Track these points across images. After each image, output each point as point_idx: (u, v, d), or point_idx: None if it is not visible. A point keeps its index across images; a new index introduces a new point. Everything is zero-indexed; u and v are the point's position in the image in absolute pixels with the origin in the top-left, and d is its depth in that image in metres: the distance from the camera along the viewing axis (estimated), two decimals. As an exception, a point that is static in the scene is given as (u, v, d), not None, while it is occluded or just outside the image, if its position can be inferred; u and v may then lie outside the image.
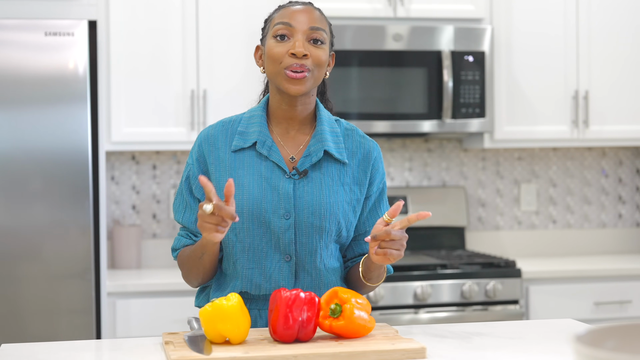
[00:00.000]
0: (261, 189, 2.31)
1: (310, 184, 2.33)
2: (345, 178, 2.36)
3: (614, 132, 4.59)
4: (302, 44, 2.28)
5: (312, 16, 2.31)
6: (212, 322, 2.07)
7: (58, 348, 2.23)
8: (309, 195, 2.32)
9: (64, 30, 3.75)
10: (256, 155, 2.34)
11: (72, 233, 3.78)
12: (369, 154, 2.41)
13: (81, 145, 3.78)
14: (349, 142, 2.40)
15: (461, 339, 2.27)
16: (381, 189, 2.42)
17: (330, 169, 2.36)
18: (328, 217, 2.31)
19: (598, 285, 4.26)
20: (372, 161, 2.40)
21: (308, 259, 2.33)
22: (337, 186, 2.35)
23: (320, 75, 2.32)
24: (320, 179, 2.34)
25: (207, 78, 4.25)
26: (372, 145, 2.43)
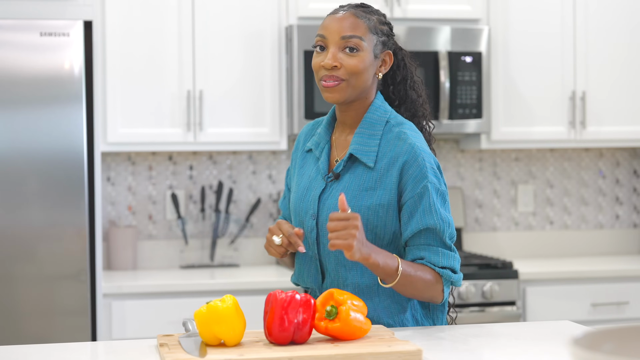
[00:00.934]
0: (305, 189, 2.43)
1: (336, 188, 2.38)
2: (370, 182, 2.35)
3: (611, 133, 4.58)
4: (333, 55, 2.33)
5: (346, 24, 2.34)
6: (207, 324, 2.06)
7: (51, 350, 2.22)
8: (332, 199, 2.37)
9: (60, 31, 3.74)
10: (315, 157, 2.47)
11: (68, 234, 3.76)
12: (397, 158, 2.34)
13: (76, 146, 3.76)
14: (383, 142, 2.38)
15: (457, 340, 2.26)
16: (421, 193, 2.31)
17: (359, 172, 2.37)
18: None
19: (595, 287, 4.25)
20: (400, 165, 2.33)
21: (329, 259, 2.39)
22: (358, 191, 2.35)
23: (361, 82, 2.35)
24: (346, 183, 2.37)
25: (203, 79, 4.23)
26: (405, 148, 2.34)
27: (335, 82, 2.33)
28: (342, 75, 2.33)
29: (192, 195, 4.58)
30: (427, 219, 2.30)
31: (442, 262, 2.31)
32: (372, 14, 2.40)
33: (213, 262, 4.51)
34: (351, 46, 2.33)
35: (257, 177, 4.64)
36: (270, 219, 4.64)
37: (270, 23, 4.29)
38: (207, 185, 4.58)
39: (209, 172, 4.60)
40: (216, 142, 4.26)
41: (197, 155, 4.58)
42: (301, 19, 4.29)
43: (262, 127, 4.28)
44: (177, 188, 4.56)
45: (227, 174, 4.61)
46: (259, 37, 4.28)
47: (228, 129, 4.26)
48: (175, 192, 4.52)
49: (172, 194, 4.50)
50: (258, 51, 4.28)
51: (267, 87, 4.28)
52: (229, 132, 4.26)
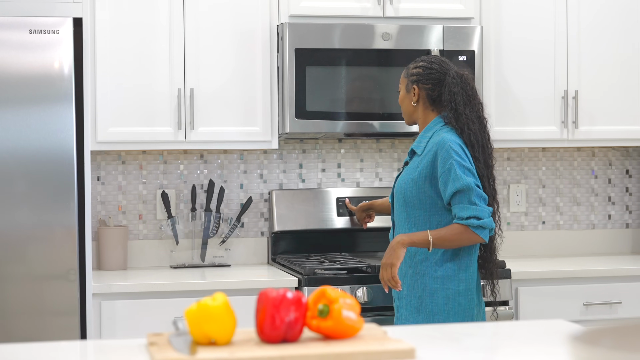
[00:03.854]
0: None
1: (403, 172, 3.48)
2: (417, 163, 3.40)
3: (603, 133, 4.56)
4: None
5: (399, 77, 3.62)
6: (198, 322, 2.04)
7: (41, 349, 2.19)
8: (398, 179, 3.49)
9: (49, 28, 3.70)
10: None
11: (57, 233, 3.73)
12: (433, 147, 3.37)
13: (66, 144, 3.73)
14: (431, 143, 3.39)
15: (451, 339, 2.24)
16: (447, 169, 3.29)
17: (413, 160, 3.46)
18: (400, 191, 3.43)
19: (587, 287, 4.23)
20: (433, 152, 3.36)
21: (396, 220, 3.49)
22: (411, 169, 3.42)
23: (405, 110, 3.55)
24: (407, 168, 3.46)
25: (194, 77, 4.21)
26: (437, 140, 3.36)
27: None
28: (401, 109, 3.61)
29: (182, 195, 4.55)
30: (455, 184, 3.27)
31: (466, 214, 3.26)
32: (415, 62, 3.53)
33: (204, 262, 4.48)
34: (398, 90, 3.63)
35: (248, 177, 4.62)
36: (261, 219, 4.62)
37: (262, 21, 4.26)
38: (197, 184, 4.55)
39: (199, 171, 4.57)
40: (207, 141, 4.24)
41: (187, 154, 4.56)
42: (293, 17, 4.27)
43: (253, 126, 4.26)
44: (168, 187, 4.54)
45: (218, 173, 4.59)
46: (250, 35, 4.26)
47: (219, 128, 4.23)
48: (166, 192, 4.49)
49: (163, 193, 4.47)
50: (249, 49, 4.26)
51: (259, 85, 4.26)
52: (220, 130, 4.24)
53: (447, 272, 3.37)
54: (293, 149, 4.66)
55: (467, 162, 3.33)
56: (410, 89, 3.51)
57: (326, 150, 4.69)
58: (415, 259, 3.40)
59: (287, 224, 4.52)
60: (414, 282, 3.41)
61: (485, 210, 3.29)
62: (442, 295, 3.36)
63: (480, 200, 3.29)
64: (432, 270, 3.38)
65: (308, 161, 4.68)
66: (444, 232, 3.30)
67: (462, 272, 3.38)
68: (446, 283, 3.37)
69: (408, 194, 3.39)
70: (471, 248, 3.40)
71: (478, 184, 3.33)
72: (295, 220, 4.52)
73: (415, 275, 3.41)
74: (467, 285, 3.39)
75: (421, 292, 3.39)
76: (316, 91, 4.21)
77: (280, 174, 4.65)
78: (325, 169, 4.69)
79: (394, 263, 3.30)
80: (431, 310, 3.37)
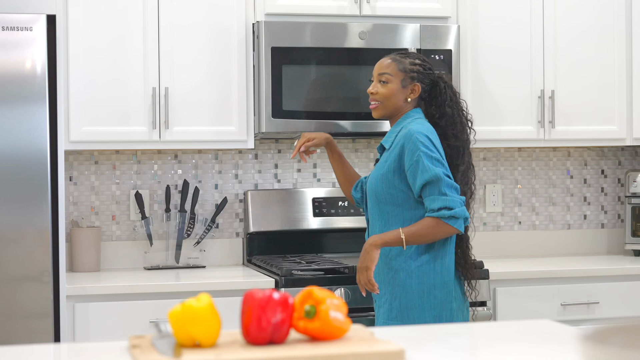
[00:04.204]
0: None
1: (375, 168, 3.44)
2: (385, 159, 3.36)
3: (579, 133, 4.56)
4: (373, 85, 3.45)
5: (381, 65, 3.44)
6: (182, 324, 1.99)
7: (16, 353, 2.13)
8: (370, 176, 3.44)
9: (22, 25, 3.64)
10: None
11: (30, 235, 3.66)
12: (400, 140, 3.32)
13: (39, 144, 3.66)
14: (400, 137, 3.32)
15: (438, 340, 2.21)
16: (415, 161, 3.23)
17: (384, 156, 3.41)
18: (370, 186, 3.40)
19: (565, 287, 4.22)
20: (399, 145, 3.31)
21: (371, 217, 3.43)
22: (380, 165, 3.38)
23: (391, 103, 3.41)
24: (377, 165, 3.42)
25: (169, 76, 4.15)
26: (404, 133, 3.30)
27: (375, 103, 3.43)
28: (378, 98, 3.42)
29: (156, 195, 4.49)
30: (424, 175, 3.21)
31: (437, 205, 3.20)
32: (406, 57, 3.42)
33: (178, 264, 4.42)
34: (383, 80, 3.41)
35: (223, 177, 4.57)
36: (236, 219, 4.57)
37: (237, 19, 4.22)
38: (172, 184, 4.49)
39: (174, 171, 4.51)
40: (182, 141, 4.18)
41: (161, 154, 4.50)
42: (268, 16, 4.22)
43: (229, 125, 4.21)
44: (142, 188, 4.47)
45: (193, 173, 4.53)
46: (226, 33, 4.21)
47: (194, 127, 4.18)
48: (140, 192, 4.43)
49: (136, 194, 4.41)
50: (225, 48, 4.21)
51: (234, 84, 4.21)
52: (195, 130, 4.19)
53: (422, 265, 3.30)
54: (268, 149, 4.61)
55: (436, 153, 3.26)
56: (407, 85, 3.41)
57: (302, 150, 4.64)
58: (389, 255, 3.34)
59: (262, 225, 4.47)
60: (390, 279, 3.34)
61: (457, 200, 3.22)
62: (416, 289, 3.30)
63: (450, 190, 3.22)
64: (407, 265, 3.31)
65: (283, 161, 4.63)
66: (416, 228, 3.24)
67: (437, 264, 3.31)
68: (421, 277, 3.30)
69: (379, 190, 3.34)
70: (446, 239, 3.32)
71: (448, 173, 3.26)
72: (270, 221, 4.48)
73: (390, 272, 3.34)
74: (443, 277, 3.31)
75: (396, 289, 3.33)
76: (292, 90, 4.17)
77: (255, 174, 4.60)
78: (301, 169, 4.65)
79: (368, 266, 3.24)
80: (406, 306, 3.30)
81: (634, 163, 5.02)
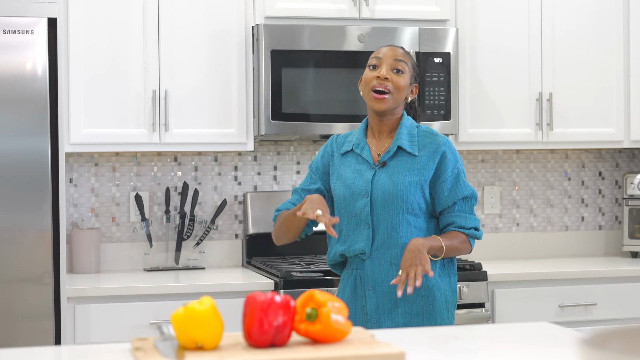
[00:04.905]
0: (353, 178, 3.14)
1: (386, 171, 3.11)
2: (416, 165, 3.10)
3: (577, 135, 4.58)
4: (386, 70, 3.10)
5: (396, 52, 3.15)
6: (185, 327, 2.01)
7: (20, 355, 2.15)
8: (383, 179, 3.10)
9: (23, 28, 3.65)
10: (355, 155, 3.18)
11: (32, 236, 3.68)
12: (438, 147, 3.12)
13: (40, 146, 3.68)
14: (423, 139, 3.13)
15: (438, 342, 2.23)
16: (456, 173, 3.11)
17: (404, 160, 3.12)
18: (395, 193, 3.07)
19: (563, 288, 4.24)
20: (441, 152, 3.11)
21: (382, 226, 3.08)
22: (406, 171, 3.10)
23: (400, 98, 3.12)
24: (394, 167, 3.11)
25: (168, 78, 4.17)
26: (442, 140, 3.13)
27: (385, 92, 3.07)
28: (390, 87, 3.08)
29: (156, 197, 4.51)
30: (464, 190, 3.12)
31: (469, 224, 3.11)
32: (410, 55, 3.20)
33: (178, 265, 4.44)
34: (398, 68, 3.11)
35: (223, 179, 4.58)
36: (235, 221, 4.58)
37: (237, 22, 4.23)
38: (171, 186, 4.51)
39: (173, 173, 4.53)
40: (182, 143, 4.20)
41: (161, 156, 4.51)
42: (268, 19, 4.24)
43: (228, 127, 4.23)
44: (141, 189, 4.49)
45: (192, 175, 4.55)
46: (226, 36, 4.23)
47: (194, 130, 4.20)
48: (139, 194, 4.45)
49: (136, 196, 4.42)
50: (224, 50, 4.23)
51: (234, 87, 4.23)
52: (194, 132, 4.20)
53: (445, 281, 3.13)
54: (268, 151, 4.63)
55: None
56: (412, 83, 3.18)
57: (301, 152, 4.67)
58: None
59: (261, 226, 4.49)
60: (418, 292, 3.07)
61: (479, 222, 3.16)
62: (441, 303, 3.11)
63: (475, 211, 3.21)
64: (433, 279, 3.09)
65: (283, 163, 4.65)
66: (452, 242, 3.07)
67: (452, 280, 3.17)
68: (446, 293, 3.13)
69: (409, 198, 3.05)
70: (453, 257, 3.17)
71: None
72: (270, 223, 4.49)
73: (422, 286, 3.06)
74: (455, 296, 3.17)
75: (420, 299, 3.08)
76: (292, 93, 4.19)
77: (254, 176, 4.62)
78: (300, 171, 4.67)
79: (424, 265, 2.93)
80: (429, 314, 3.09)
81: (631, 165, 5.04)
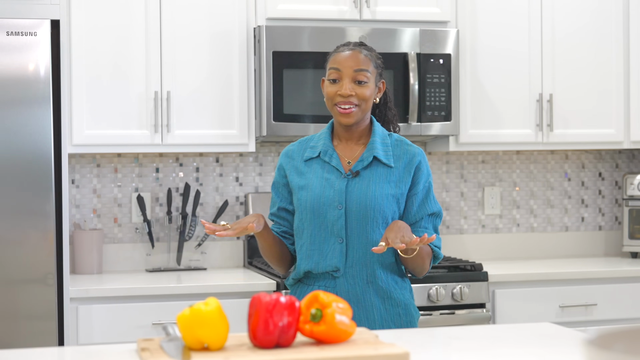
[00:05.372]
0: (322, 187, 2.87)
1: (360, 182, 2.86)
2: (392, 177, 2.87)
3: (577, 136, 4.60)
4: (347, 86, 2.85)
5: (357, 60, 2.88)
6: (191, 327, 2.02)
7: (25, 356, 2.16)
8: (358, 190, 2.85)
9: (27, 30, 3.67)
10: (321, 162, 2.93)
11: (34, 237, 3.69)
12: (413, 158, 2.90)
13: (43, 147, 3.69)
14: (397, 149, 2.91)
15: (441, 343, 2.25)
16: (427, 187, 2.90)
17: (378, 170, 2.88)
18: (373, 206, 2.82)
19: (563, 289, 4.26)
20: (415, 163, 2.90)
21: (357, 240, 2.83)
22: (383, 183, 2.86)
23: (367, 106, 2.88)
24: (369, 178, 2.87)
25: (170, 79, 4.18)
26: (417, 151, 2.92)
27: (351, 107, 2.85)
28: (356, 101, 2.85)
29: (158, 198, 4.52)
30: (433, 206, 2.89)
31: (437, 242, 2.87)
32: (372, 50, 2.94)
33: (180, 266, 4.45)
34: (360, 80, 2.86)
35: (224, 180, 4.60)
36: (237, 222, 4.59)
37: (239, 23, 4.25)
38: (173, 187, 4.53)
39: (175, 174, 4.55)
40: (184, 144, 4.21)
41: (163, 157, 4.53)
42: (270, 20, 4.26)
43: (230, 129, 4.24)
44: (143, 190, 4.51)
45: (194, 176, 4.57)
46: (227, 37, 4.24)
47: (196, 131, 4.22)
48: (141, 195, 4.46)
49: (138, 197, 4.44)
50: (226, 52, 4.24)
51: (235, 88, 4.24)
52: (196, 133, 4.22)
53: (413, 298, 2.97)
54: (269, 152, 4.65)
55: None
56: (378, 83, 2.94)
57: (302, 153, 4.68)
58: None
59: (263, 227, 4.50)
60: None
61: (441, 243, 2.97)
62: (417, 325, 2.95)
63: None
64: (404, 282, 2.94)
65: (284, 164, 4.66)
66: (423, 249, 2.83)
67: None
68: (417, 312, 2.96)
69: (387, 211, 2.84)
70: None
71: None
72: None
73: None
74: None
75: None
76: (294, 94, 4.20)
77: (256, 177, 4.63)
78: (301, 172, 4.68)
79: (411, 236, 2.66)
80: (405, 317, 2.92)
81: (630, 166, 5.06)
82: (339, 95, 2.85)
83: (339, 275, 2.84)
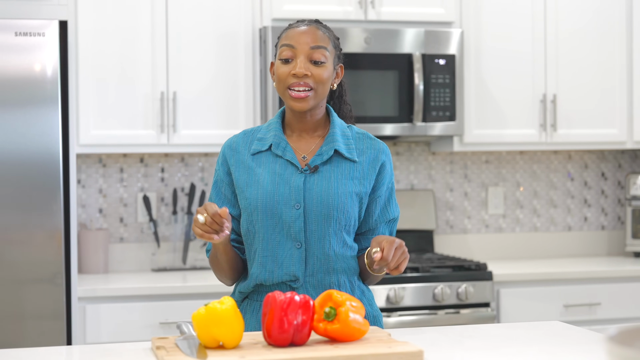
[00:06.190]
0: (274, 184, 2.50)
1: (320, 178, 2.51)
2: (355, 173, 2.54)
3: (581, 136, 4.62)
4: (303, 64, 2.48)
5: (314, 37, 2.51)
6: (206, 326, 2.04)
7: (38, 355, 2.18)
8: (318, 187, 2.50)
9: (35, 31, 3.68)
10: (272, 156, 2.55)
11: (43, 237, 3.71)
12: (379, 154, 2.58)
13: (51, 147, 3.71)
14: (360, 143, 2.58)
15: (453, 341, 2.26)
16: (390, 189, 2.60)
17: (340, 166, 2.54)
18: (336, 205, 2.49)
19: (567, 288, 4.28)
20: (381, 161, 2.58)
21: (317, 245, 2.49)
22: (346, 180, 2.52)
23: (324, 90, 2.52)
24: (330, 174, 2.52)
25: (177, 80, 4.20)
26: (382, 147, 2.60)
27: (306, 91, 2.48)
28: (312, 83, 2.48)
29: (163, 198, 4.54)
30: (394, 211, 2.60)
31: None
32: (329, 29, 2.58)
33: (185, 265, 4.47)
34: (317, 59, 2.50)
35: (229, 180, 4.61)
36: (242, 222, 4.61)
37: (244, 24, 4.27)
38: (179, 187, 4.54)
39: (180, 174, 4.56)
40: (190, 144, 4.23)
41: (168, 157, 4.55)
42: (275, 21, 4.27)
43: (235, 129, 4.26)
44: (149, 190, 4.52)
45: (199, 176, 4.58)
46: (233, 38, 4.26)
47: (202, 131, 4.23)
48: (147, 195, 4.48)
49: (144, 197, 4.45)
50: (232, 52, 4.26)
51: (241, 88, 4.26)
52: (202, 133, 4.23)
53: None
54: (274, 152, 4.66)
55: None
56: (337, 67, 2.60)
57: (307, 153, 4.70)
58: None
59: (268, 227, 4.51)
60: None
61: None
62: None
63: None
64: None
65: (289, 164, 4.68)
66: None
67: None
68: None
69: (350, 212, 2.52)
70: None
71: None
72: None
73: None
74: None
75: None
76: (299, 94, 4.21)
77: (261, 176, 4.65)
78: (306, 172, 4.69)
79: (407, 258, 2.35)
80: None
81: (634, 166, 5.08)
82: (293, 75, 2.47)
83: (298, 285, 2.47)
